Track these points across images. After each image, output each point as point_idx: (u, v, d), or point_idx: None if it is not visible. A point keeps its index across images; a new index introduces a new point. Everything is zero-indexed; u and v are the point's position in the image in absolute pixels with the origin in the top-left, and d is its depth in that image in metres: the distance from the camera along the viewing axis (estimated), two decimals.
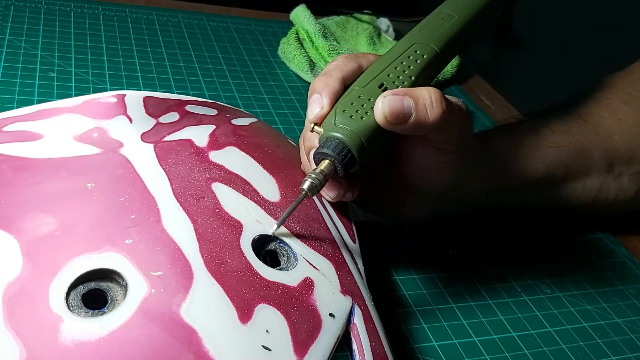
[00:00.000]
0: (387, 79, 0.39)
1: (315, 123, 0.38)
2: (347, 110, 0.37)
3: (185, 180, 0.35)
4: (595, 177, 0.49)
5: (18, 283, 0.28)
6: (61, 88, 0.57)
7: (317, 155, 0.36)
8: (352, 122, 0.36)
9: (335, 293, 0.33)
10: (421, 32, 0.42)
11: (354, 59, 0.41)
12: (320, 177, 0.35)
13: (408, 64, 0.40)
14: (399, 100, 0.35)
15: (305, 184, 0.34)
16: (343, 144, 0.35)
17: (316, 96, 0.38)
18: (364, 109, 0.37)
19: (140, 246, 0.30)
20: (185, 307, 0.28)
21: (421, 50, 0.41)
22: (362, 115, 0.36)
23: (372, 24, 0.80)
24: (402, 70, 0.39)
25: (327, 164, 0.35)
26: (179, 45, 0.70)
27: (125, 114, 0.38)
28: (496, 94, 0.79)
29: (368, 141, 0.36)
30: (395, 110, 0.35)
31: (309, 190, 0.34)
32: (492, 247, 0.50)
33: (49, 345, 0.26)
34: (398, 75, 0.39)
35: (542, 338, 0.43)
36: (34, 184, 0.32)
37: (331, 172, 0.35)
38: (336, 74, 0.39)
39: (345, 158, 0.35)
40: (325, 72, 0.40)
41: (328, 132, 0.36)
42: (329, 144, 0.35)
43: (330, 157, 0.35)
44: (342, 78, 0.39)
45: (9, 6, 0.68)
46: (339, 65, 0.40)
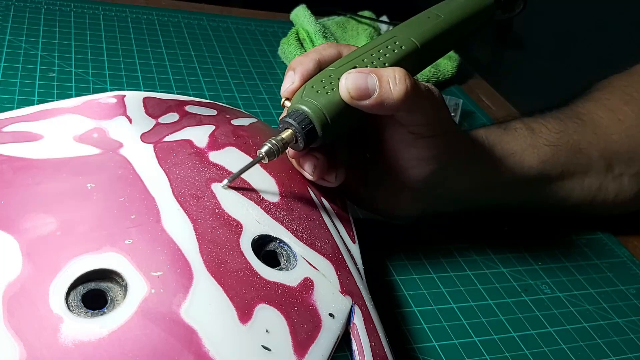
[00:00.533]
0: (360, 63, 0.39)
1: (287, 98, 0.39)
2: (315, 86, 0.38)
3: (185, 181, 0.35)
4: (594, 176, 0.49)
5: (18, 283, 0.28)
6: (61, 88, 0.57)
7: (281, 124, 0.37)
8: (317, 97, 0.37)
9: (335, 293, 0.33)
10: (405, 27, 0.43)
11: (335, 47, 0.42)
12: (279, 144, 0.36)
13: (384, 52, 0.40)
14: (362, 77, 0.36)
15: (263, 148, 0.36)
16: (305, 116, 0.36)
17: (290, 72, 0.39)
18: (331, 85, 0.37)
19: (140, 246, 0.30)
20: (185, 307, 0.28)
21: (400, 41, 0.41)
22: (327, 91, 0.37)
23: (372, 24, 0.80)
24: (377, 57, 0.40)
25: (289, 133, 0.36)
26: (179, 46, 0.70)
27: (125, 115, 0.38)
28: (496, 94, 0.79)
29: (331, 115, 0.36)
30: (358, 86, 0.36)
31: (266, 155, 0.36)
32: (493, 247, 0.50)
33: (49, 346, 0.26)
34: (372, 61, 0.40)
35: (543, 338, 0.43)
36: (34, 185, 0.32)
37: (292, 141, 0.36)
38: (312, 55, 0.40)
39: (305, 128, 0.36)
40: (304, 54, 0.41)
41: (293, 104, 0.37)
42: (292, 115, 0.36)
43: (292, 126, 0.36)
44: (317, 60, 0.40)
45: (9, 6, 0.68)
46: (317, 49, 0.41)
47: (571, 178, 0.49)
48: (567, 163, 0.48)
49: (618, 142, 0.50)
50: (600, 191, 0.50)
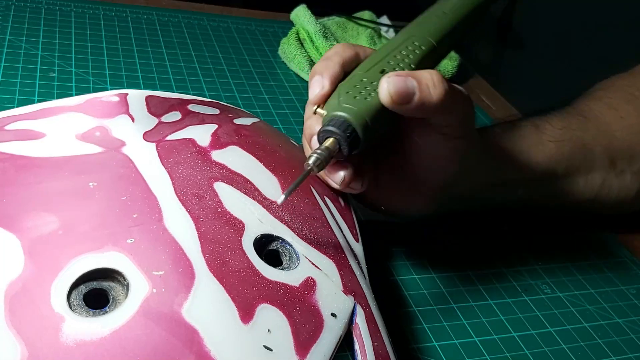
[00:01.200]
0: (387, 65, 0.39)
1: (318, 105, 0.38)
2: (351, 92, 0.37)
3: (187, 180, 0.35)
4: (597, 172, 0.49)
5: (20, 282, 0.28)
6: (62, 88, 0.57)
7: (321, 134, 0.36)
8: (356, 102, 0.36)
9: (337, 293, 0.33)
10: (418, 26, 0.44)
11: (352, 48, 0.42)
12: (325, 153, 0.35)
13: (407, 54, 0.41)
14: (402, 80, 0.36)
15: (310, 159, 0.34)
16: (348, 123, 0.35)
17: (317, 77, 0.39)
18: (367, 90, 0.37)
19: (142, 245, 0.30)
20: (186, 307, 0.28)
21: (419, 42, 0.42)
22: (365, 97, 0.37)
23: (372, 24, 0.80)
24: (402, 58, 0.40)
25: (332, 141, 0.35)
26: (179, 45, 0.70)
27: (127, 113, 0.38)
28: (496, 93, 0.79)
29: (372, 121, 0.36)
30: (400, 89, 0.35)
31: (314, 165, 0.34)
32: (493, 247, 0.51)
33: (50, 345, 0.26)
34: (398, 63, 0.40)
35: (543, 338, 0.43)
36: (36, 183, 0.32)
37: (336, 150, 0.35)
38: (336, 58, 0.40)
39: (350, 136, 0.35)
40: (325, 57, 0.40)
41: (332, 111, 0.36)
42: (333, 122, 0.36)
43: (335, 134, 0.35)
44: (342, 62, 0.40)
45: (9, 6, 0.68)
46: (337, 51, 0.41)
47: (575, 174, 0.49)
48: (572, 158, 0.48)
49: (620, 139, 0.50)
50: (604, 188, 0.50)
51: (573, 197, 0.50)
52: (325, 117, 0.37)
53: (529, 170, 0.47)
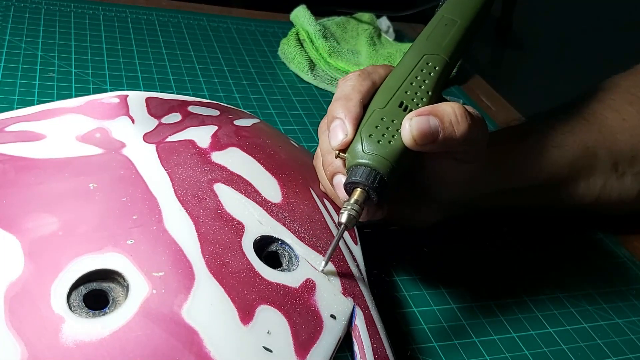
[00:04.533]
0: (405, 96, 0.39)
1: (340, 150, 0.37)
2: (373, 135, 0.36)
3: (187, 181, 0.35)
4: (599, 175, 0.49)
5: (20, 283, 0.28)
6: (61, 89, 0.57)
7: (348, 185, 0.36)
8: (379, 148, 0.36)
9: (336, 294, 0.33)
10: (429, 41, 0.42)
11: (368, 77, 0.40)
12: (356, 208, 0.35)
13: (423, 78, 0.40)
14: (424, 120, 0.35)
15: (343, 217, 0.34)
16: (375, 171, 0.35)
17: (338, 122, 0.38)
18: (389, 132, 0.37)
19: (142, 247, 0.30)
20: (186, 308, 0.28)
21: (433, 62, 0.41)
22: (389, 140, 0.36)
23: (372, 24, 0.80)
24: (419, 85, 0.39)
25: (360, 193, 0.35)
26: (179, 46, 0.70)
27: (127, 115, 0.38)
28: (496, 94, 0.79)
29: (397, 164, 0.36)
30: (424, 131, 0.35)
31: (347, 223, 0.34)
32: (492, 247, 0.50)
33: (50, 346, 0.26)
34: (415, 92, 0.39)
35: (542, 338, 0.43)
36: (37, 184, 0.32)
37: (365, 200, 0.35)
38: (355, 96, 0.39)
39: (377, 185, 0.35)
40: (344, 95, 0.39)
41: (356, 159, 0.36)
42: (359, 173, 0.35)
43: (362, 185, 0.35)
44: (361, 100, 0.39)
45: (9, 7, 0.68)
46: (355, 86, 0.39)
47: (578, 178, 0.49)
48: (575, 163, 0.48)
49: (622, 141, 0.50)
50: (605, 190, 0.50)
51: (575, 200, 0.50)
52: (349, 163, 0.36)
53: (533, 178, 0.47)
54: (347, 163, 0.37)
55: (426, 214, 0.44)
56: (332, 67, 0.70)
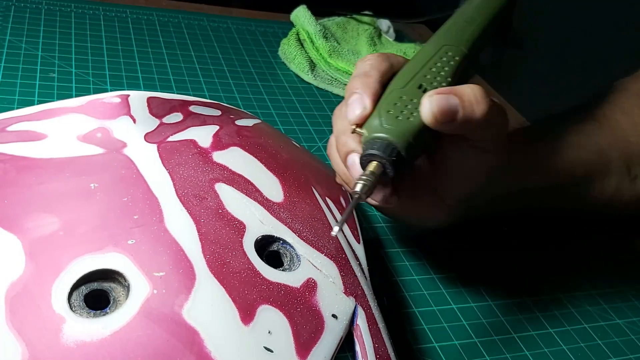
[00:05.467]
0: (424, 79, 0.38)
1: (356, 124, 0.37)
2: (392, 111, 0.36)
3: (189, 181, 0.35)
4: (612, 178, 0.49)
5: (21, 283, 0.28)
6: (62, 89, 0.57)
7: (364, 158, 0.36)
8: (398, 123, 0.36)
9: (338, 294, 0.33)
10: (448, 33, 0.43)
11: (387, 59, 0.40)
12: (371, 179, 0.34)
13: (442, 66, 0.40)
14: (444, 98, 0.35)
15: (357, 187, 0.34)
16: (392, 145, 0.35)
17: (357, 96, 0.37)
18: (409, 109, 0.36)
19: (143, 246, 0.30)
20: (187, 308, 0.28)
21: (452, 52, 0.41)
22: (408, 116, 0.36)
23: (372, 24, 0.80)
24: (438, 71, 0.39)
25: (377, 165, 0.35)
26: (179, 46, 0.70)
27: (129, 114, 0.38)
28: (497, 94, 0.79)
29: (415, 140, 0.35)
30: (443, 108, 0.35)
31: (362, 193, 0.33)
32: (492, 248, 0.51)
33: (51, 346, 0.26)
34: (435, 77, 0.39)
35: (543, 339, 0.43)
36: (38, 184, 0.32)
37: (381, 172, 0.35)
38: (374, 74, 0.38)
39: (395, 158, 0.35)
40: (363, 72, 0.39)
41: (374, 133, 0.36)
42: (377, 145, 0.35)
43: (379, 158, 0.35)
44: (380, 78, 0.38)
45: (9, 7, 0.68)
46: (374, 64, 0.39)
47: (591, 180, 0.48)
48: (588, 165, 0.48)
49: (634, 144, 0.50)
50: (617, 193, 0.50)
51: (588, 202, 0.50)
52: (365, 138, 0.36)
53: (547, 179, 0.46)
54: (364, 138, 0.36)
55: (439, 215, 0.43)
56: (333, 67, 0.70)
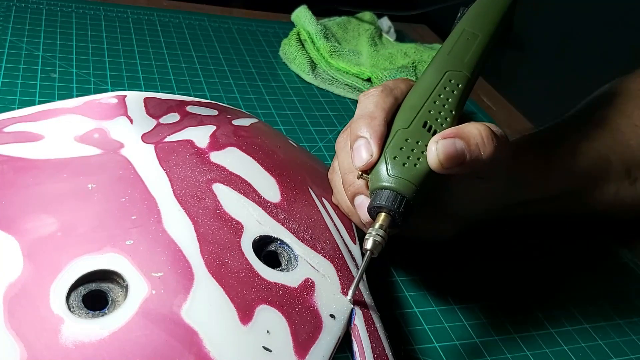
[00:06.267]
0: (429, 116, 0.38)
1: (363, 171, 0.37)
2: (398, 157, 0.36)
3: (186, 181, 0.35)
4: (612, 182, 0.49)
5: (19, 284, 0.28)
6: (62, 89, 0.57)
7: (372, 209, 0.35)
8: (405, 171, 0.35)
9: (335, 294, 0.33)
10: (450, 56, 0.42)
11: (390, 93, 0.40)
12: (381, 233, 0.34)
13: (446, 97, 0.39)
14: (451, 143, 0.35)
15: (368, 244, 0.34)
16: (400, 195, 0.35)
17: (363, 141, 0.37)
18: (414, 154, 0.36)
19: (141, 247, 0.30)
20: (185, 308, 0.28)
21: (455, 79, 0.40)
22: (414, 162, 0.36)
23: (373, 24, 0.80)
24: (442, 104, 0.39)
25: (385, 217, 0.35)
26: (180, 46, 0.70)
27: (126, 115, 0.38)
28: (498, 94, 0.79)
29: (422, 187, 0.35)
30: (450, 154, 0.35)
31: (373, 249, 0.34)
32: (493, 247, 0.50)
33: (49, 346, 0.26)
34: (439, 111, 0.39)
35: (544, 339, 0.43)
36: (35, 185, 0.32)
37: (390, 224, 0.35)
38: (380, 114, 0.38)
39: (404, 210, 0.35)
40: (368, 113, 0.38)
41: (381, 182, 0.35)
42: (384, 197, 0.35)
43: (387, 209, 0.35)
44: (385, 119, 0.38)
45: (10, 7, 0.68)
46: (378, 103, 0.39)
47: (592, 186, 0.48)
48: (588, 171, 0.48)
49: (634, 147, 0.50)
50: (618, 197, 0.49)
51: (589, 208, 0.50)
52: (372, 185, 0.36)
53: (548, 189, 0.46)
54: (371, 185, 0.36)
55: (444, 227, 0.44)
56: (333, 67, 0.70)
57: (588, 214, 0.51)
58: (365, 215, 0.37)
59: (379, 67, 0.70)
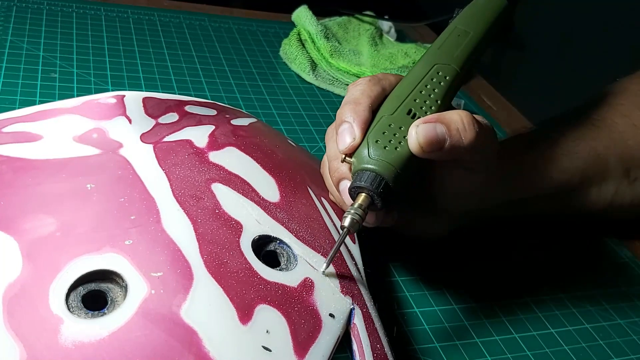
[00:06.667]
0: (414, 104, 0.38)
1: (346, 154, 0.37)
2: (380, 140, 0.36)
3: (185, 181, 0.35)
4: (611, 182, 0.49)
5: (18, 284, 0.28)
6: (63, 89, 0.57)
7: (353, 190, 0.36)
8: (386, 153, 0.36)
9: (335, 293, 0.33)
10: (440, 51, 0.42)
11: (378, 83, 0.40)
12: (359, 212, 0.34)
13: (433, 87, 0.40)
14: (431, 127, 0.35)
15: (345, 221, 0.34)
16: (380, 176, 0.35)
17: (347, 125, 0.37)
18: (397, 138, 0.36)
19: (140, 247, 0.30)
20: (185, 308, 0.28)
21: (443, 71, 0.41)
22: (395, 146, 0.36)
23: (373, 24, 0.80)
24: (428, 94, 0.39)
25: (364, 197, 0.35)
26: (180, 46, 0.70)
27: (124, 115, 0.38)
28: (498, 94, 0.79)
29: (403, 170, 0.36)
30: (430, 138, 0.35)
31: (350, 227, 0.34)
32: (493, 247, 0.50)
33: (49, 347, 0.26)
34: (425, 100, 0.39)
35: (544, 339, 0.43)
36: (34, 185, 0.32)
37: (369, 204, 0.35)
38: (365, 101, 0.38)
39: (382, 190, 0.35)
40: (353, 99, 0.39)
41: (362, 164, 0.36)
42: (364, 177, 0.35)
43: (366, 190, 0.35)
44: (370, 105, 0.38)
45: (11, 7, 0.68)
46: (365, 91, 0.39)
47: (589, 185, 0.48)
48: (586, 170, 0.47)
49: (633, 147, 0.50)
50: (617, 196, 0.49)
51: (587, 207, 0.50)
52: (354, 167, 0.36)
53: (544, 188, 0.46)
54: (353, 168, 0.37)
55: (438, 225, 0.44)
56: (334, 67, 0.70)
57: (587, 213, 0.51)
58: (348, 198, 0.37)
59: (379, 67, 0.70)
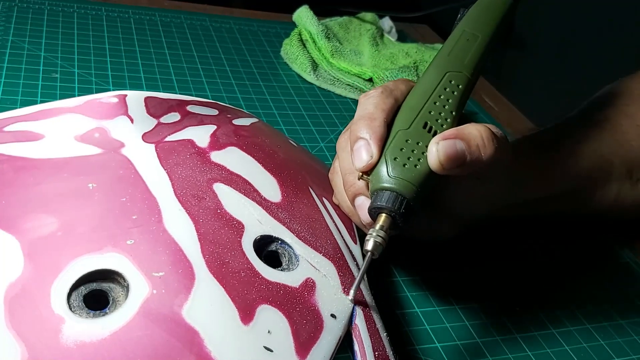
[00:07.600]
0: (429, 117, 0.38)
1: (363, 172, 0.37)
2: (398, 158, 0.36)
3: (187, 181, 0.35)
4: (614, 183, 0.49)
5: (19, 284, 0.28)
6: (64, 89, 0.57)
7: (373, 210, 0.35)
8: (405, 172, 0.35)
9: (336, 294, 0.33)
10: (451, 57, 0.42)
11: (390, 94, 0.40)
12: (381, 234, 0.34)
13: (446, 98, 0.39)
14: (452, 144, 0.35)
15: (369, 245, 0.34)
16: (401, 196, 0.35)
17: (363, 142, 0.37)
18: (415, 155, 0.36)
19: (142, 247, 0.30)
20: (186, 308, 0.28)
21: (456, 80, 0.41)
22: (415, 163, 0.36)
23: (374, 24, 0.80)
24: (442, 105, 0.39)
25: (385, 218, 0.35)
26: (181, 46, 0.70)
27: (126, 114, 0.38)
28: (499, 94, 0.79)
29: (423, 188, 0.35)
30: (451, 155, 0.35)
31: (374, 250, 0.34)
32: (493, 247, 0.50)
33: (50, 346, 0.26)
34: (439, 112, 0.39)
35: (545, 339, 0.43)
36: (35, 184, 0.32)
37: (390, 225, 0.35)
38: (379, 115, 0.38)
39: (404, 210, 0.35)
40: (368, 114, 0.38)
41: (381, 183, 0.35)
42: (385, 197, 0.35)
43: (387, 210, 0.35)
44: (385, 120, 0.38)
45: (12, 7, 0.68)
46: (378, 104, 0.39)
47: (593, 187, 0.48)
48: (590, 172, 0.47)
49: (636, 147, 0.50)
50: (619, 198, 0.49)
51: (590, 208, 0.50)
52: (373, 186, 0.36)
53: (548, 189, 0.46)
54: (371, 186, 0.36)
55: (444, 228, 0.44)
56: (335, 67, 0.70)
57: (589, 214, 0.51)
58: (366, 216, 0.37)
59: (380, 67, 0.70)
